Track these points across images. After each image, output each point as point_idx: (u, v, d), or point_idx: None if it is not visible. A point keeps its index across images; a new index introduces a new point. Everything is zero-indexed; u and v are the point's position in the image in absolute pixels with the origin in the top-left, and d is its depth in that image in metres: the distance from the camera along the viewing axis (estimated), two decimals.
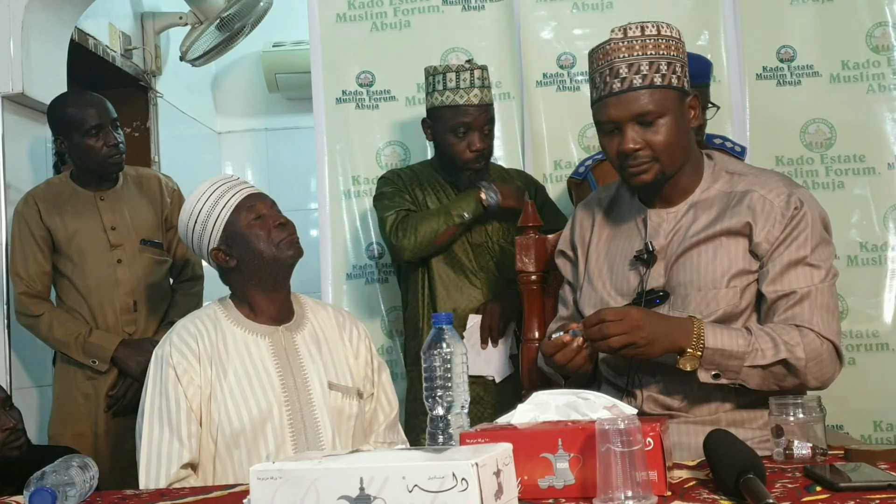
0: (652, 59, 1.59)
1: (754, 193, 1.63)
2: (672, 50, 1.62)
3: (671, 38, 1.62)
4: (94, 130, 2.55)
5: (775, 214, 1.60)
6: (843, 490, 1.10)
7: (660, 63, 1.59)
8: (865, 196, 2.82)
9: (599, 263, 1.74)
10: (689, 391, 1.61)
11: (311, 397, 1.77)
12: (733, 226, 1.61)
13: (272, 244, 1.80)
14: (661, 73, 1.59)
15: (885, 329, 2.78)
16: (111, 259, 2.60)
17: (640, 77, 1.59)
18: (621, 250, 1.72)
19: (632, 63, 1.59)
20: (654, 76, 1.59)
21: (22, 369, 2.80)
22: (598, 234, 1.77)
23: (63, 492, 1.26)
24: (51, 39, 3.02)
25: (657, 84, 1.59)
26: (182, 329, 1.79)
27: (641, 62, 1.59)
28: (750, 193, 1.63)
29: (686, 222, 1.66)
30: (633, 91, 1.59)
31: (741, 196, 1.64)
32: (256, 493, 1.03)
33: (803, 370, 1.54)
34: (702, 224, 1.64)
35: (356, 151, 2.91)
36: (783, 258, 1.59)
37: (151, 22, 4.09)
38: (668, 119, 1.59)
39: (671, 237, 1.66)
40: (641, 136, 1.60)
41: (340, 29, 2.93)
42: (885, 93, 2.84)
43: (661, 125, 1.59)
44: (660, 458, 1.14)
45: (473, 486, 0.95)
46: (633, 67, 1.59)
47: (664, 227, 1.67)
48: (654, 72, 1.59)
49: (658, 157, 1.61)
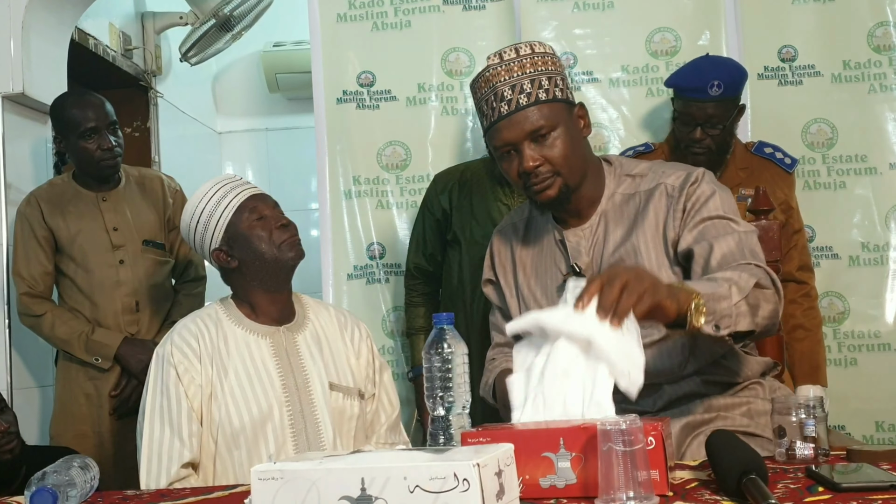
0: (532, 76, 1.61)
1: (658, 187, 1.64)
2: (549, 65, 1.63)
3: (546, 55, 1.65)
4: (90, 133, 2.55)
5: (676, 192, 1.62)
6: (846, 491, 1.10)
7: (540, 79, 1.61)
8: (867, 196, 2.82)
9: (532, 289, 1.73)
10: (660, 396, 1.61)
11: (312, 398, 1.77)
12: (648, 226, 1.62)
13: (274, 245, 1.80)
14: (543, 88, 1.61)
15: (886, 329, 2.78)
16: (113, 260, 2.60)
17: (525, 96, 1.61)
18: (550, 273, 1.71)
19: (514, 84, 1.61)
20: (539, 92, 1.61)
21: (23, 369, 2.80)
22: (520, 260, 1.77)
23: (64, 492, 1.25)
24: (51, 39, 3.02)
25: (542, 99, 1.61)
26: (183, 328, 1.79)
27: (523, 81, 1.61)
28: (655, 189, 1.64)
29: (602, 234, 1.66)
30: (520, 110, 1.60)
31: (648, 194, 1.64)
32: (257, 493, 1.03)
33: (769, 286, 1.48)
34: (620, 233, 1.65)
35: (357, 151, 2.90)
36: (696, 219, 1.59)
37: (152, 22, 4.09)
38: (560, 131, 1.61)
39: (592, 252, 1.67)
40: (538, 152, 1.61)
41: (341, 29, 2.93)
42: (886, 93, 2.84)
43: (556, 138, 1.61)
44: (661, 457, 1.14)
45: (475, 487, 0.95)
46: (516, 88, 1.61)
47: (583, 245, 1.68)
48: (538, 88, 1.61)
49: (559, 171, 1.62)
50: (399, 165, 2.89)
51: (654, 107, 2.77)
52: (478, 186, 2.57)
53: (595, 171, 1.69)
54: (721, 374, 1.63)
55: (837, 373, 2.75)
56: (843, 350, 2.79)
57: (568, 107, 1.64)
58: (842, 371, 2.77)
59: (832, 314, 2.80)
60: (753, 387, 1.65)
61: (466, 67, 2.90)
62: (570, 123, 1.63)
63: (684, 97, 2.49)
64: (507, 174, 1.67)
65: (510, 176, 1.66)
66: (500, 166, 1.68)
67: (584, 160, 1.66)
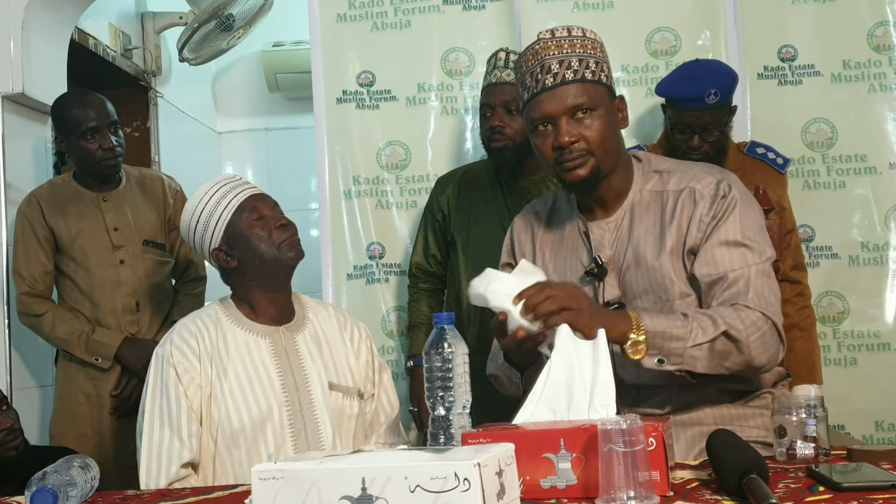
0: (581, 56, 1.61)
1: (686, 189, 1.63)
2: (598, 52, 1.64)
3: (596, 42, 1.65)
4: (91, 133, 2.55)
5: (706, 202, 1.60)
6: (846, 490, 1.10)
7: (588, 61, 1.61)
8: (867, 196, 2.82)
9: (549, 276, 1.68)
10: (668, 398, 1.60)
11: (312, 398, 1.77)
12: (673, 228, 1.61)
13: (273, 245, 1.80)
14: (590, 69, 1.61)
15: (886, 329, 2.78)
16: (114, 260, 2.60)
17: (572, 72, 1.60)
18: (570, 265, 1.70)
19: (562, 59, 1.60)
20: (585, 72, 1.61)
21: (23, 369, 2.80)
22: (540, 247, 1.76)
23: (64, 492, 1.25)
24: (51, 39, 3.02)
25: (588, 79, 1.60)
26: (182, 328, 1.79)
27: (571, 59, 1.61)
28: (684, 190, 1.63)
29: (627, 229, 1.65)
30: (565, 84, 1.60)
31: (676, 195, 1.63)
32: (258, 493, 1.03)
33: (746, 342, 1.51)
34: (643, 229, 1.64)
35: (356, 151, 2.90)
36: (713, 240, 1.58)
37: (151, 22, 4.09)
38: (600, 113, 1.61)
39: (615, 246, 1.66)
40: (576, 129, 1.60)
41: (341, 29, 2.93)
42: (886, 92, 2.84)
43: (595, 118, 1.60)
44: (662, 458, 1.14)
45: (475, 487, 0.95)
46: (563, 63, 1.60)
47: (607, 238, 1.67)
48: (585, 68, 1.61)
49: (593, 151, 1.61)
50: (399, 165, 2.89)
51: (654, 106, 2.76)
52: (477, 186, 2.57)
53: (626, 164, 1.68)
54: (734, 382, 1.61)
55: (837, 372, 2.75)
56: (842, 350, 2.79)
57: (610, 94, 1.64)
58: (841, 371, 2.77)
59: (832, 314, 2.80)
60: (765, 396, 1.64)
61: (466, 67, 2.90)
62: (611, 109, 1.63)
63: (679, 106, 2.48)
64: (540, 150, 1.65)
65: (543, 152, 1.65)
66: (533, 143, 1.67)
67: (619, 148, 1.65)
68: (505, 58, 2.48)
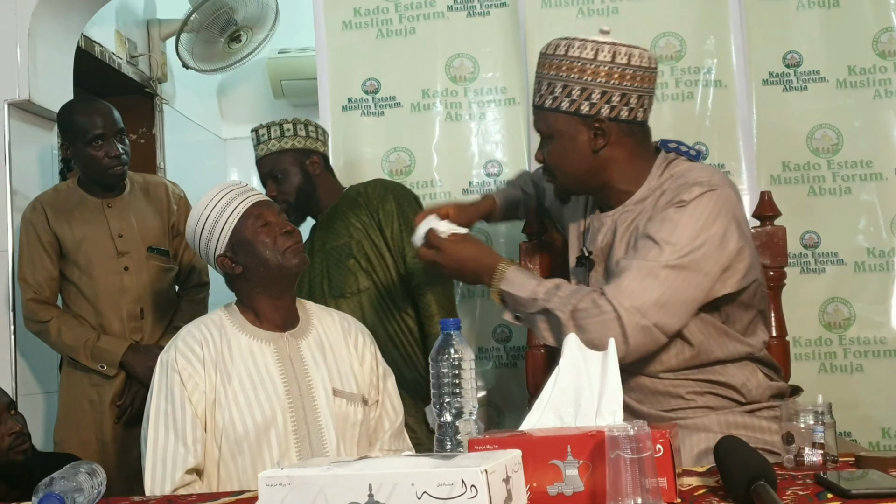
0: (551, 80, 1.64)
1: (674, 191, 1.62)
2: (585, 75, 1.60)
3: (602, 63, 1.60)
4: (97, 140, 2.56)
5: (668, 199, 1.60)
6: (855, 497, 1.09)
7: (556, 86, 1.63)
8: (872, 202, 2.81)
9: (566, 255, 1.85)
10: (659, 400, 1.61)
11: (316, 404, 1.77)
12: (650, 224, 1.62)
13: (278, 252, 1.80)
14: (554, 95, 1.64)
15: (892, 335, 2.76)
16: (118, 266, 2.61)
17: (538, 96, 1.68)
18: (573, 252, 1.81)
19: (540, 80, 1.69)
20: (547, 98, 1.65)
21: (28, 375, 2.80)
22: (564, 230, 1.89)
23: (71, 498, 1.25)
24: (57, 46, 3.03)
25: (547, 107, 1.65)
26: (187, 334, 1.79)
27: (543, 82, 1.67)
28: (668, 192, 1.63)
29: (623, 224, 1.68)
30: (535, 108, 1.70)
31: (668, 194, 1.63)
32: (265, 499, 1.03)
33: (567, 323, 1.53)
34: (633, 227, 1.66)
35: (362, 158, 2.91)
36: (643, 231, 1.60)
37: (157, 29, 4.10)
38: (556, 140, 1.66)
39: (606, 240, 1.70)
40: (542, 150, 1.71)
41: (346, 36, 2.93)
42: (891, 98, 2.83)
43: (552, 145, 1.67)
44: (669, 464, 1.13)
45: (483, 493, 0.94)
46: (541, 84, 1.68)
47: (602, 231, 1.71)
48: (549, 93, 1.65)
49: (553, 174, 1.71)
50: (403, 171, 2.89)
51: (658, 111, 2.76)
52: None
53: (624, 171, 1.67)
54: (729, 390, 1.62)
55: (843, 379, 2.74)
56: (848, 356, 2.78)
57: (581, 120, 1.62)
58: (847, 377, 2.76)
59: (838, 320, 2.79)
60: (772, 407, 1.64)
61: (470, 73, 2.90)
62: (574, 135, 1.63)
63: None
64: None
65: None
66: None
67: (590, 169, 1.66)
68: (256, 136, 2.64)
